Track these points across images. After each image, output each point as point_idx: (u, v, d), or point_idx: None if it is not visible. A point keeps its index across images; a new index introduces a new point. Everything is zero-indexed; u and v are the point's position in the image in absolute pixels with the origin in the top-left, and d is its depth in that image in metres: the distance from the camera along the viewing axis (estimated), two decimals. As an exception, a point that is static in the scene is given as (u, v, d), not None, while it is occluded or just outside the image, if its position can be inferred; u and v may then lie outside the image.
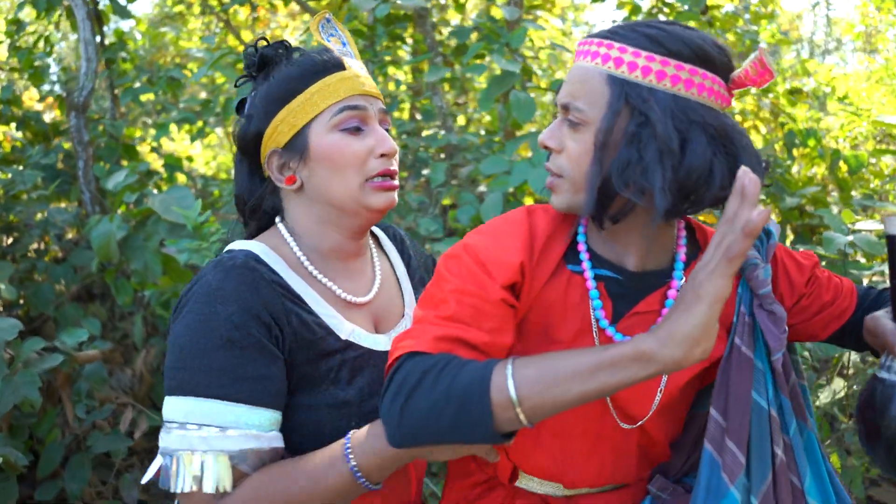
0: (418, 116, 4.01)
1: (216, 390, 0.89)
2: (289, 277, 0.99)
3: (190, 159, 4.18)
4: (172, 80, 3.83)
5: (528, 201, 3.44)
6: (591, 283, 0.96)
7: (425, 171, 3.52)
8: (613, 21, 3.85)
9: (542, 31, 4.17)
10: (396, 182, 1.04)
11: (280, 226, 1.05)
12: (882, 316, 0.88)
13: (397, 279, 1.18)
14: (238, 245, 1.03)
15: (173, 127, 4.03)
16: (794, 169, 3.92)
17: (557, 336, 0.97)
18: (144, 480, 0.98)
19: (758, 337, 0.96)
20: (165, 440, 0.90)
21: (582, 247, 0.99)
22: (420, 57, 2.95)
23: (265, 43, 1.07)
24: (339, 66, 1.03)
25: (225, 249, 1.03)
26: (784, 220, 3.22)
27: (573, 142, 0.93)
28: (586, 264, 0.97)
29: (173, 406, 0.90)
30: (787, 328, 0.95)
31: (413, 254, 1.25)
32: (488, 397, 0.79)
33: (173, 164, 3.66)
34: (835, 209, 3.23)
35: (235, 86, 1.13)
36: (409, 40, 3.71)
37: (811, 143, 3.99)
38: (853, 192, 3.47)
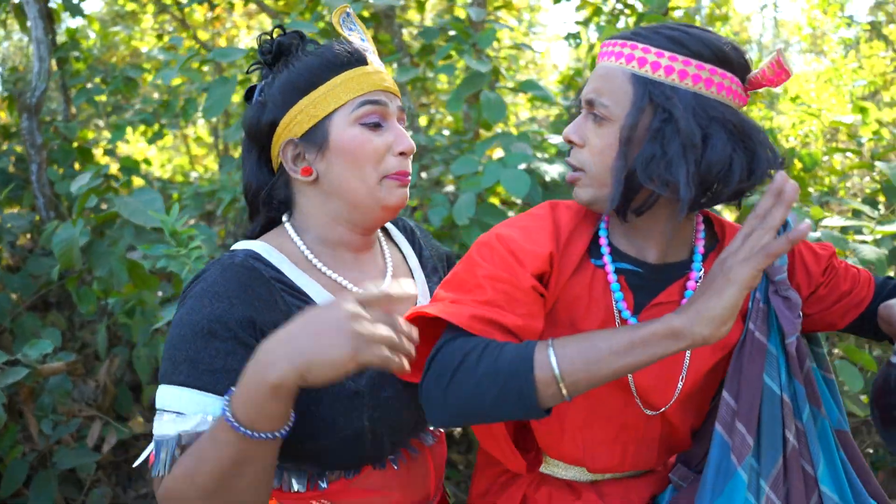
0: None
1: (189, 379, 0.89)
2: (291, 273, 0.99)
3: (148, 162, 4.06)
4: (128, 80, 3.71)
5: (495, 202, 3.43)
6: (612, 277, 1.00)
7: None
8: (577, 22, 3.88)
9: (507, 30, 4.18)
10: (410, 179, 1.04)
11: (287, 225, 1.05)
12: (894, 304, 0.90)
13: (409, 269, 1.17)
14: (241, 245, 1.03)
15: (128, 129, 3.91)
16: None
17: (583, 328, 1.00)
18: (136, 464, 1.02)
19: (772, 323, 0.99)
20: (154, 427, 0.92)
21: (603, 241, 1.03)
22: (389, 58, 2.92)
23: (280, 32, 1.06)
24: (361, 60, 1.02)
25: (231, 248, 1.03)
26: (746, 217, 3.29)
27: (597, 137, 0.97)
28: (607, 258, 1.02)
29: (158, 394, 0.92)
30: (801, 314, 0.98)
31: (424, 244, 1.24)
32: (532, 375, 0.83)
33: (130, 167, 3.55)
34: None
35: (247, 72, 1.12)
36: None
37: (773, 139, 4.08)
38: (810, 190, 3.57)
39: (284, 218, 1.07)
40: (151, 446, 0.94)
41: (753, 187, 0.95)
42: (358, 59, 1.02)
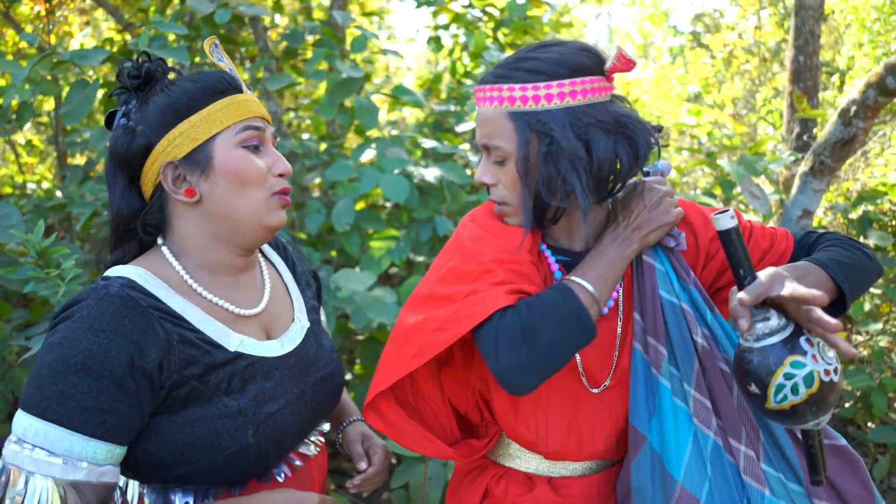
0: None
1: (59, 416, 0.90)
2: (169, 299, 1.01)
3: (-25, 173, 3.63)
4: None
5: (361, 205, 3.42)
6: (554, 266, 1.16)
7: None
8: (436, 27, 3.95)
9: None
10: (290, 200, 1.10)
11: (164, 248, 1.06)
12: (732, 292, 0.98)
13: (285, 286, 1.21)
14: (116, 271, 1.02)
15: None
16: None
17: None
18: None
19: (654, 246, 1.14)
20: (5, 449, 0.92)
21: (540, 237, 1.18)
22: (259, 62, 2.82)
23: (146, 58, 1.07)
24: (238, 88, 1.08)
25: (103, 275, 1.03)
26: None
27: (503, 174, 1.10)
28: (547, 251, 1.17)
29: (18, 420, 0.92)
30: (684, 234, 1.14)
31: (296, 259, 1.29)
32: (580, 300, 1.02)
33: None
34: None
35: (110, 96, 1.12)
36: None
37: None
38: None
39: (160, 241, 1.07)
40: None
41: (643, 166, 1.09)
42: (235, 87, 1.07)
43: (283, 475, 1.10)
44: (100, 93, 2.59)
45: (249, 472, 1.05)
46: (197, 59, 2.78)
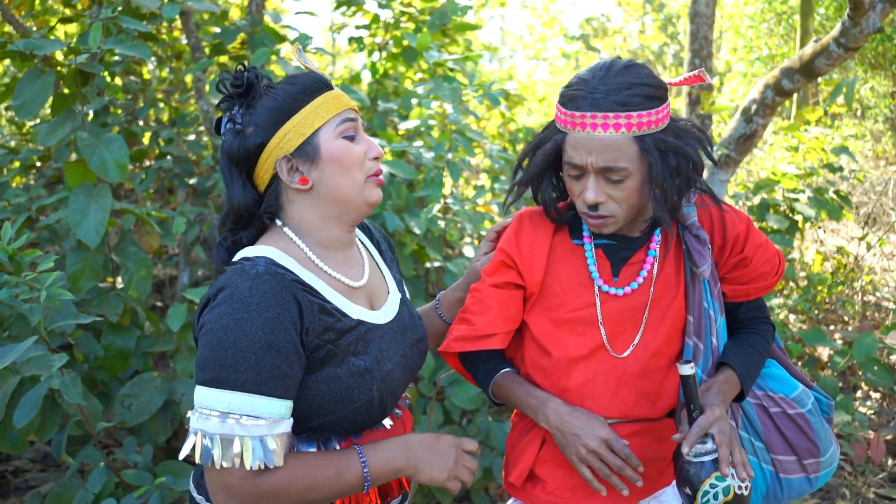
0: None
1: (258, 387, 1.07)
2: (302, 274, 1.17)
3: None
4: None
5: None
6: (588, 254, 1.34)
7: (193, 181, 3.28)
8: (358, 27, 3.93)
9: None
10: (384, 180, 1.28)
11: (286, 230, 1.22)
12: (683, 424, 1.23)
13: (376, 263, 1.39)
14: (252, 252, 1.17)
15: None
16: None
17: (568, 295, 1.34)
18: (182, 456, 1.13)
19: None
20: (203, 423, 1.07)
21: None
22: (201, 63, 2.72)
23: (242, 68, 1.21)
24: (330, 85, 1.23)
25: (240, 256, 1.17)
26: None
27: (618, 191, 1.23)
28: (587, 237, 1.35)
29: (213, 396, 1.07)
30: (710, 248, 1.31)
31: (380, 238, 1.46)
32: (489, 388, 1.42)
33: None
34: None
35: (217, 106, 1.23)
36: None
37: (529, 138, 4.61)
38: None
39: (279, 222, 1.22)
40: (193, 439, 1.09)
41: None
42: (327, 85, 1.22)
43: (388, 424, 1.29)
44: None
45: (370, 422, 1.23)
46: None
